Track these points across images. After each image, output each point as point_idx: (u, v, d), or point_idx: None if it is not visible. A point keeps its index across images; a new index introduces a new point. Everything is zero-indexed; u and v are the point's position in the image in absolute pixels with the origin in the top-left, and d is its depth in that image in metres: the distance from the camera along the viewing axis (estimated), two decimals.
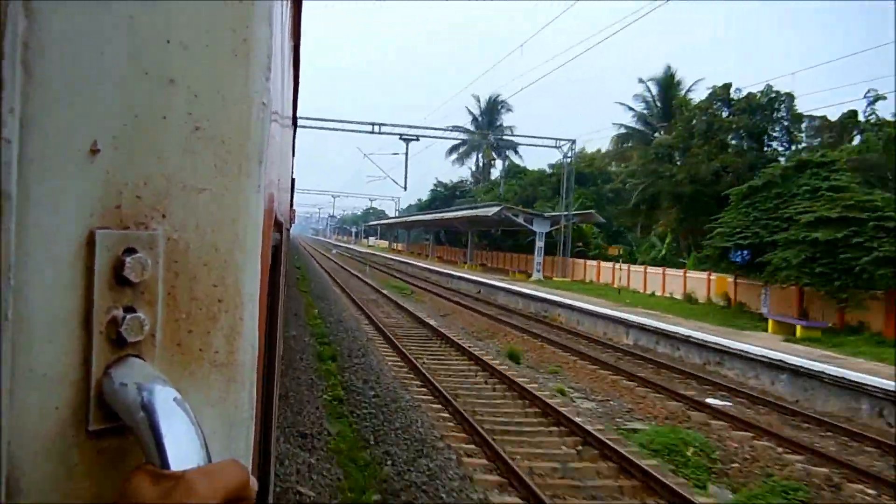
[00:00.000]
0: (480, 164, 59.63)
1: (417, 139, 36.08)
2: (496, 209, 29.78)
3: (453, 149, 62.12)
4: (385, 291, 25.73)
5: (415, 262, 44.08)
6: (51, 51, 0.42)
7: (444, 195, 63.82)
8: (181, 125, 0.49)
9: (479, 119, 58.22)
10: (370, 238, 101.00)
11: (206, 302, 0.51)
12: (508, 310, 22.13)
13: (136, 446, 0.43)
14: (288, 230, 2.85)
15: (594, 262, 30.60)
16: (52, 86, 0.42)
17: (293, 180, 4.68)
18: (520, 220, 30.44)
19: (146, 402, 0.42)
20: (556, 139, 34.03)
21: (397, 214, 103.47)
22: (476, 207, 35.26)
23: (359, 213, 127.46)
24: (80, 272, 0.44)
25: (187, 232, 0.50)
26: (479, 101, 58.97)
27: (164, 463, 0.40)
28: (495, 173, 58.92)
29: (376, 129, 35.22)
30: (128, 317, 0.45)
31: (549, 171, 46.08)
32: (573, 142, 33.44)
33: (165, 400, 0.42)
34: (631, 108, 36.94)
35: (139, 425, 0.41)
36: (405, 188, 37.47)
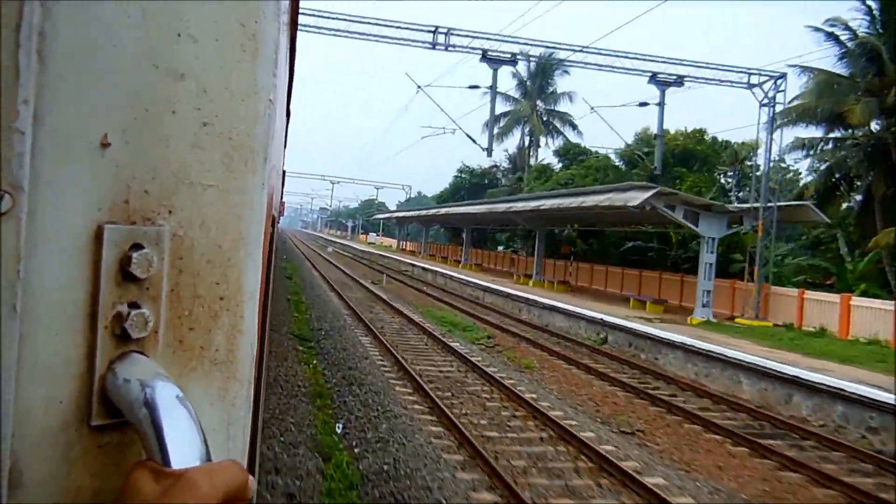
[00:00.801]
0: (525, 143, 51.70)
1: (514, 60, 24.51)
2: (644, 196, 19.17)
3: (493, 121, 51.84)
4: (455, 343, 16.15)
5: (443, 270, 39.22)
6: (65, 41, 0.46)
7: (471, 184, 57.83)
8: (190, 120, 0.54)
9: (528, 83, 50.63)
10: (370, 234, 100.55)
11: (208, 299, 0.56)
12: (742, 407, 11.98)
13: (136, 442, 0.48)
14: (277, 223, 3.40)
15: (833, 297, 19.79)
16: (65, 77, 0.46)
17: (283, 172, 5.38)
18: (678, 215, 20.30)
19: (149, 398, 0.45)
20: (750, 71, 22.89)
21: (397, 207, 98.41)
22: (595, 192, 23.24)
23: (355, 206, 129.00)
24: (88, 266, 0.48)
25: (193, 228, 0.55)
26: (528, 60, 45.25)
27: (166, 460, 0.43)
28: (543, 154, 51.84)
29: (440, 40, 22.38)
30: (132, 312, 0.50)
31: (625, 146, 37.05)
32: (780, 78, 22.78)
33: (168, 397, 0.46)
34: (833, 38, 22.71)
35: (141, 422, 0.45)
36: (489, 150, 27.05)
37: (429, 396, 10.56)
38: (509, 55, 22.93)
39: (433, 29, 22.28)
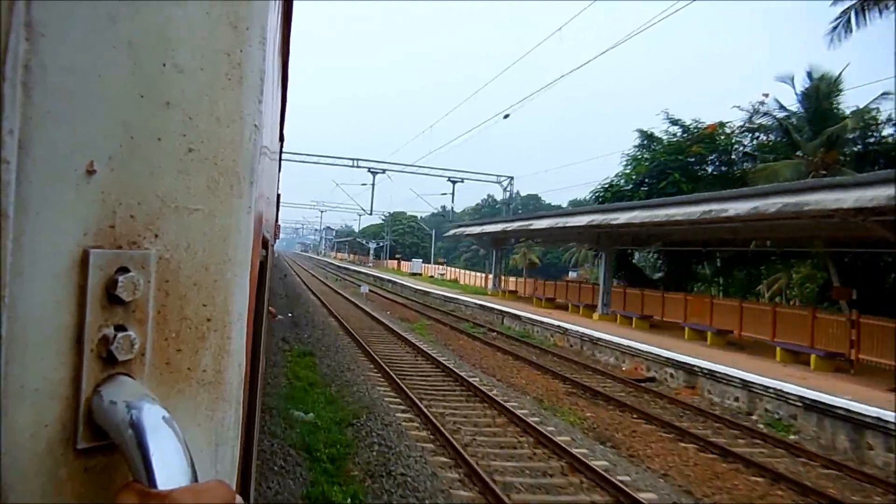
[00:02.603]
0: None
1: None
2: None
3: None
4: None
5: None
6: (51, 73, 0.48)
7: (679, 162, 27.51)
8: (176, 146, 0.56)
9: None
10: (413, 261, 67.66)
11: (195, 321, 0.58)
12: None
13: (123, 465, 0.48)
14: (272, 246, 2.95)
15: None
16: (51, 107, 0.48)
17: (279, 196, 5.12)
18: None
19: (135, 420, 0.46)
20: None
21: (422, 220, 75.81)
22: None
23: (364, 223, 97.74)
24: (74, 290, 0.50)
25: (179, 251, 0.57)
26: None
27: (152, 481, 0.44)
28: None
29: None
30: (119, 335, 0.51)
31: None
32: None
33: (154, 418, 0.47)
34: None
35: (127, 443, 0.46)
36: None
37: None
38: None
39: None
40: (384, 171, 47.27)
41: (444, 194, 52.25)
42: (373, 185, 49.33)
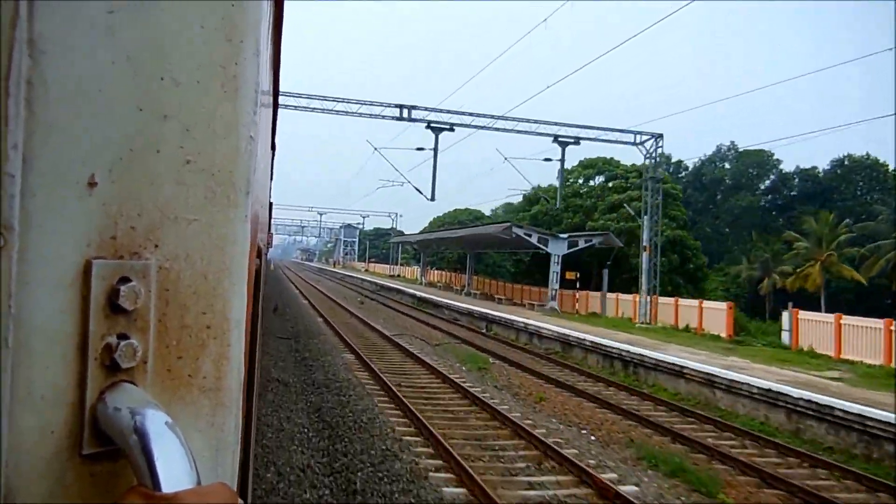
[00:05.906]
0: None
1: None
2: None
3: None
4: None
5: None
6: (53, 89, 0.49)
7: None
8: (174, 158, 0.57)
9: None
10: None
11: (195, 329, 0.59)
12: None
13: (127, 470, 0.49)
14: (266, 255, 3.08)
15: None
16: (53, 122, 0.49)
17: (270, 204, 5.24)
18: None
19: (139, 425, 0.47)
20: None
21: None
22: None
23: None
24: (77, 300, 0.51)
25: (178, 261, 0.58)
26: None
27: (156, 485, 0.45)
28: None
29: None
30: (121, 343, 0.52)
31: None
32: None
33: (157, 424, 0.47)
34: None
35: (132, 448, 0.46)
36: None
37: None
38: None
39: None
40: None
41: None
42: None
